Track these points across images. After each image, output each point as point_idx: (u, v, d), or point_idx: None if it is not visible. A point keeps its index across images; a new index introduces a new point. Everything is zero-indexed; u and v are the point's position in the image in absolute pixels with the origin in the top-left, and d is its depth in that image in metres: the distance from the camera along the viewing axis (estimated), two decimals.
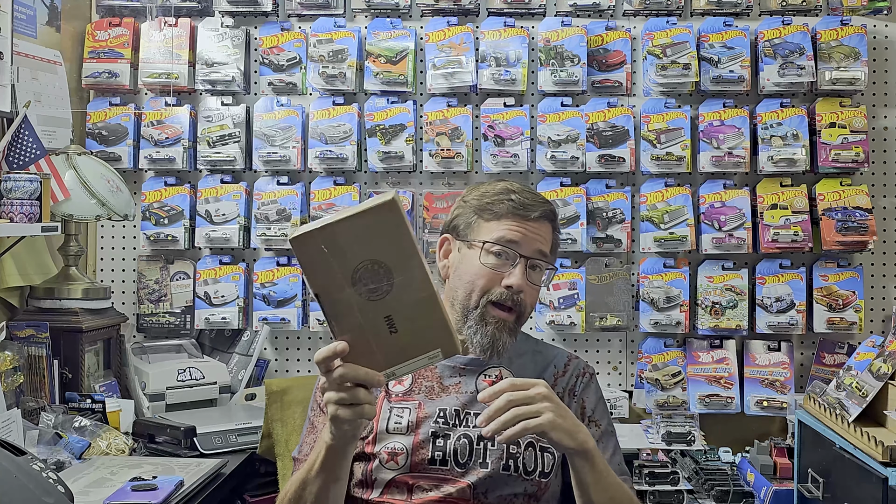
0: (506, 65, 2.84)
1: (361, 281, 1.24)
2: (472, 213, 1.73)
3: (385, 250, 1.24)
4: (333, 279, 1.24)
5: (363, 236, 1.23)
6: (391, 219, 1.23)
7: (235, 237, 2.87)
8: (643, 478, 2.41)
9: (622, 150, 2.82)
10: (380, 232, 1.23)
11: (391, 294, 1.24)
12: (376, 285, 1.24)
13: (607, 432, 1.73)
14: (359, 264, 1.23)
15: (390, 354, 1.28)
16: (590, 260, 2.86)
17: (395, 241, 1.24)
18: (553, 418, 1.42)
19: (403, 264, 1.24)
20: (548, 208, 1.71)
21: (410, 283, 1.25)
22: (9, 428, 1.97)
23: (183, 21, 2.93)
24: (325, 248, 1.22)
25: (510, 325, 1.67)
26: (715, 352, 2.84)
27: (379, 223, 1.23)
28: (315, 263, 1.23)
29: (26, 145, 2.29)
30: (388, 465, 1.63)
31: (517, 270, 1.66)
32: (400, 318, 1.26)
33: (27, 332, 2.37)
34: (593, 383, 1.78)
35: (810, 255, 2.87)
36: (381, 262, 1.23)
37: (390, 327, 1.26)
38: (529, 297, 1.69)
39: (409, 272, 1.25)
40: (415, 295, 1.25)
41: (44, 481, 1.49)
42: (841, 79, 2.78)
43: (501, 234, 1.67)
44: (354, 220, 1.22)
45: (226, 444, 2.31)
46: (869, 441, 1.88)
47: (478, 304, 1.67)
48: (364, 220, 1.23)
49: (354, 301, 1.24)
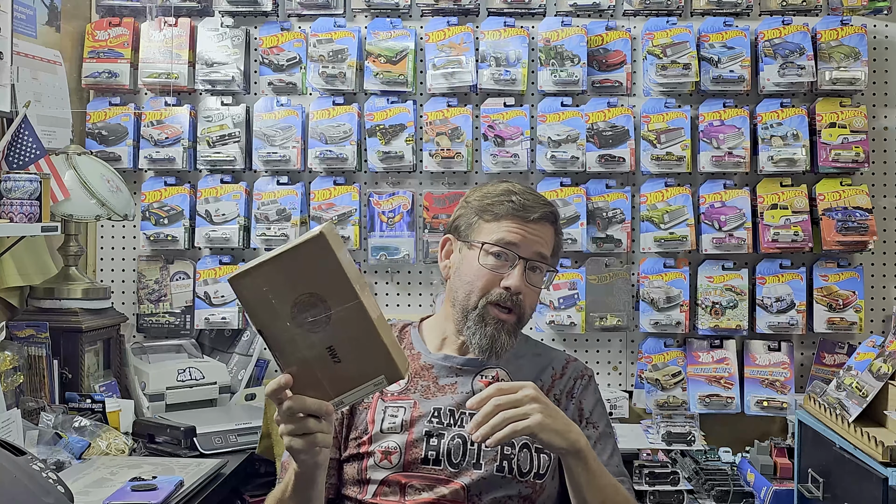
0: (506, 65, 2.84)
1: (300, 314, 1.27)
2: (474, 213, 1.73)
3: (319, 283, 1.26)
4: (274, 315, 1.27)
5: (297, 271, 1.26)
6: (321, 252, 1.26)
7: (235, 237, 2.87)
8: (643, 478, 2.41)
9: (622, 150, 2.82)
10: (312, 266, 1.26)
11: (330, 325, 1.27)
12: (315, 318, 1.27)
13: (605, 434, 1.73)
14: (296, 298, 1.26)
15: (336, 383, 1.30)
16: (590, 260, 2.86)
17: (327, 274, 1.26)
18: (542, 419, 1.42)
19: (339, 296, 1.27)
20: (548, 210, 1.71)
21: (348, 313, 1.27)
22: (9, 428, 1.97)
23: (183, 21, 2.93)
24: (262, 287, 1.26)
25: (509, 326, 1.68)
26: (715, 352, 2.83)
27: (310, 257, 1.26)
28: (255, 301, 1.27)
29: (26, 145, 2.29)
30: (381, 464, 1.63)
31: (516, 272, 1.66)
32: (342, 348, 1.29)
33: (27, 332, 2.36)
34: (592, 385, 1.78)
35: (810, 255, 2.87)
36: (316, 295, 1.26)
37: (333, 357, 1.29)
38: (529, 298, 1.69)
39: (345, 303, 1.27)
40: (353, 324, 1.28)
41: (44, 481, 1.49)
42: (841, 79, 2.78)
43: (501, 236, 1.67)
44: (286, 257, 1.26)
45: (226, 444, 2.31)
46: (869, 441, 1.88)
47: (476, 304, 1.67)
48: (295, 255, 1.26)
49: (296, 334, 1.27)
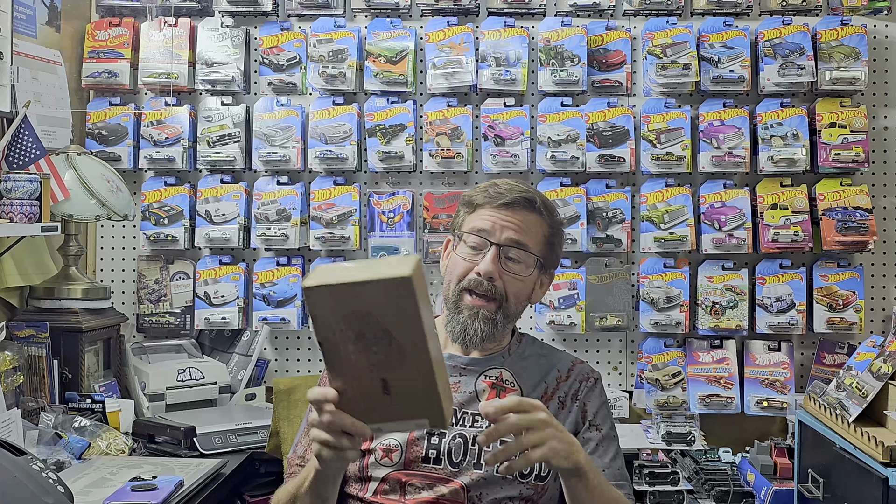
0: (506, 65, 2.84)
1: (365, 341, 1.24)
2: (461, 209, 1.75)
3: (392, 319, 1.24)
4: (338, 332, 1.25)
5: (373, 301, 1.23)
6: (403, 292, 1.22)
7: (235, 237, 2.87)
8: (643, 478, 2.41)
9: (622, 150, 2.82)
10: (390, 301, 1.23)
11: (390, 359, 1.25)
12: (378, 348, 1.24)
13: (608, 437, 1.72)
14: (365, 325, 1.24)
15: (379, 413, 1.29)
16: (590, 260, 2.86)
17: (402, 314, 1.24)
18: (555, 446, 1.39)
19: (408, 335, 1.24)
20: (522, 195, 1.68)
21: (411, 353, 1.25)
22: (9, 428, 1.97)
23: (183, 21, 2.93)
24: (336, 304, 1.23)
25: (485, 313, 1.65)
26: (715, 352, 2.83)
27: (391, 293, 1.23)
28: (323, 314, 1.24)
29: (26, 145, 2.29)
30: (382, 462, 1.63)
31: (487, 257, 1.65)
32: (394, 383, 1.26)
33: (27, 332, 2.37)
34: (597, 388, 1.77)
35: (810, 255, 2.87)
36: (386, 329, 1.24)
37: (384, 389, 1.27)
38: (511, 287, 1.67)
39: (412, 343, 1.25)
40: (413, 366, 1.26)
41: (44, 481, 1.49)
42: (841, 79, 2.78)
43: (474, 224, 1.68)
44: (369, 286, 1.23)
45: (226, 444, 2.32)
46: (869, 441, 1.89)
47: (453, 292, 1.68)
48: (378, 287, 1.23)
49: (354, 357, 1.25)
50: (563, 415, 1.71)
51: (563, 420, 1.71)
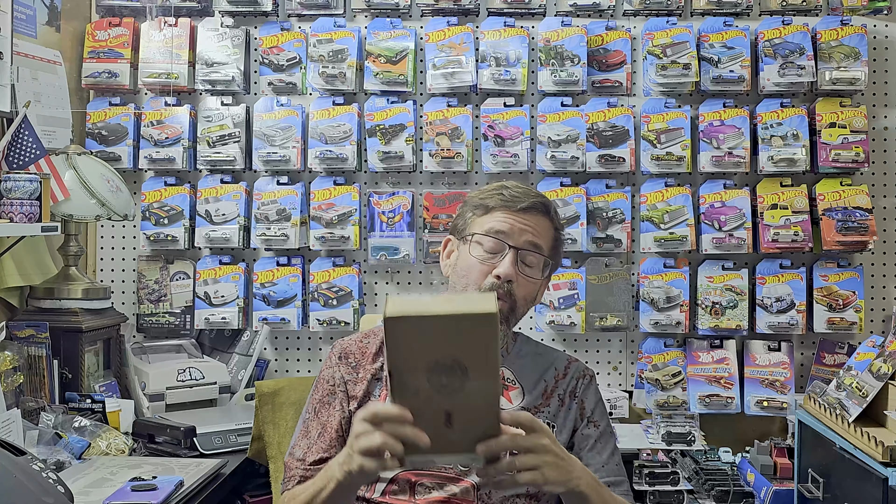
0: (506, 65, 2.84)
1: (437, 373, 1.26)
2: (469, 210, 1.75)
3: (470, 354, 1.25)
4: (412, 362, 1.26)
5: (454, 335, 1.25)
6: (487, 329, 1.25)
7: (235, 237, 2.87)
8: (643, 478, 2.41)
9: (622, 150, 2.82)
10: (471, 336, 1.25)
11: (460, 394, 1.26)
12: (449, 381, 1.26)
13: (606, 433, 1.73)
14: (440, 358, 1.25)
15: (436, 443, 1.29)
16: (590, 260, 2.86)
17: (482, 350, 1.26)
18: (547, 473, 1.38)
19: (482, 372, 1.26)
20: (538, 200, 1.71)
21: (482, 390, 1.27)
22: (9, 428, 1.97)
23: (183, 21, 2.93)
24: (415, 334, 1.25)
25: (501, 315, 1.66)
26: (715, 352, 2.83)
27: (474, 328, 1.25)
28: (400, 344, 1.26)
29: (26, 145, 2.29)
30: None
31: (506, 260, 1.66)
32: (459, 417, 1.28)
33: (27, 332, 2.36)
34: (593, 385, 1.79)
35: (810, 255, 2.87)
36: (461, 364, 1.25)
37: (447, 421, 1.28)
38: (524, 289, 1.68)
39: (485, 380, 1.27)
40: (481, 402, 1.28)
41: (44, 481, 1.49)
42: (841, 79, 2.78)
43: (491, 226, 1.68)
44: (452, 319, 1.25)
45: (226, 444, 2.31)
46: (869, 441, 1.88)
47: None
48: (462, 321, 1.25)
49: (423, 387, 1.27)
50: (562, 412, 1.72)
51: (563, 417, 1.72)
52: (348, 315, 2.84)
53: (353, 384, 1.72)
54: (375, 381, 1.71)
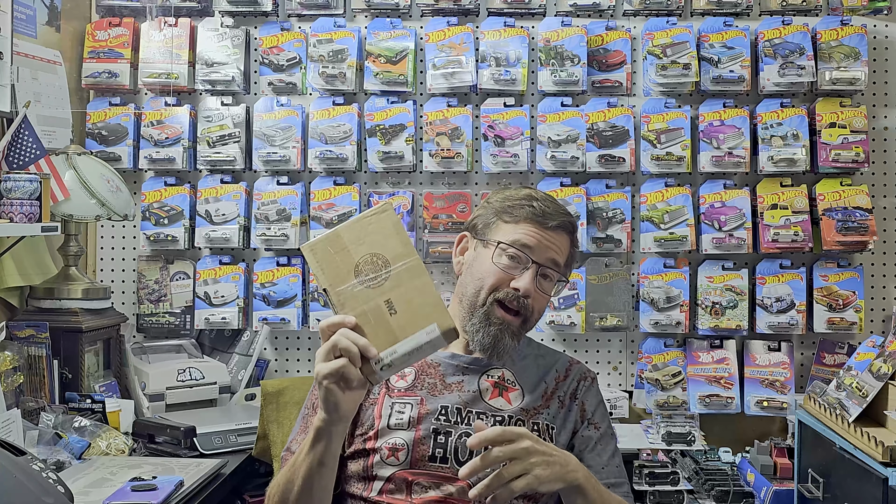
0: (506, 65, 2.84)
1: (363, 272, 1.45)
2: (493, 214, 1.75)
3: (383, 245, 1.46)
4: (338, 274, 1.45)
5: (363, 235, 1.46)
6: (386, 218, 1.47)
7: (235, 237, 2.87)
8: (643, 478, 2.41)
9: (622, 150, 2.82)
10: (378, 230, 1.46)
11: (389, 281, 1.44)
12: (376, 274, 1.44)
13: (606, 434, 1.74)
14: (360, 259, 1.45)
15: (391, 333, 1.42)
16: (590, 260, 2.86)
17: (391, 237, 1.46)
18: (539, 473, 1.41)
19: (400, 255, 1.45)
20: (567, 220, 1.73)
21: (406, 269, 1.45)
22: (9, 428, 1.97)
23: (183, 21, 2.93)
24: (331, 250, 1.46)
25: (514, 328, 1.69)
26: (715, 352, 2.83)
27: (377, 223, 1.47)
28: (323, 264, 1.46)
29: (26, 145, 2.29)
30: (388, 461, 1.63)
31: (527, 275, 1.67)
32: (398, 301, 1.43)
33: (27, 332, 2.36)
34: (594, 387, 1.80)
35: (810, 255, 2.87)
36: (379, 255, 1.45)
37: (390, 309, 1.43)
38: (537, 303, 1.71)
39: (405, 261, 1.45)
40: (411, 280, 1.44)
41: (44, 481, 1.49)
42: (841, 79, 2.78)
43: (517, 238, 1.69)
44: (356, 223, 1.48)
45: (226, 444, 2.31)
46: (869, 441, 1.89)
47: (485, 301, 1.68)
48: (363, 222, 1.47)
49: (357, 290, 1.44)
50: (562, 414, 1.73)
51: (563, 419, 1.72)
52: None
53: None
54: None
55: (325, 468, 1.53)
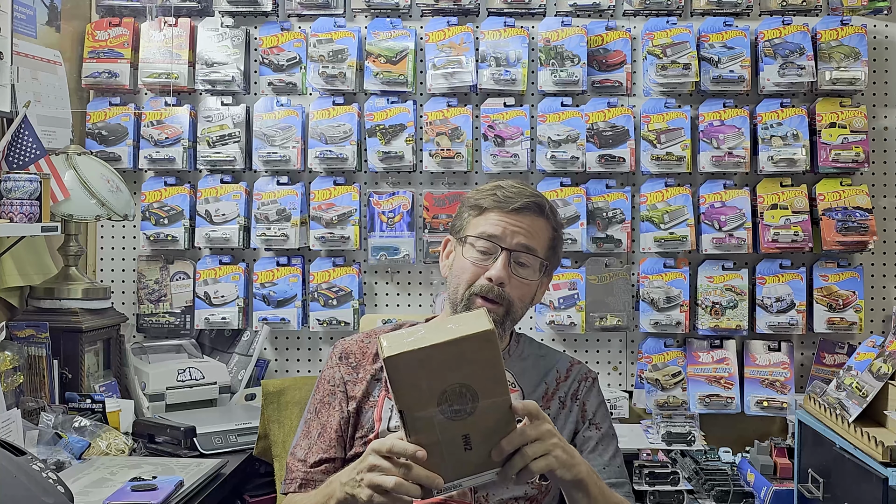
0: (506, 65, 2.84)
1: (447, 402, 1.28)
2: (465, 211, 1.74)
3: (475, 376, 1.27)
4: (420, 398, 1.28)
5: (457, 361, 1.27)
6: (487, 347, 1.27)
7: (235, 237, 2.87)
8: (643, 478, 2.41)
9: (622, 150, 2.82)
10: (473, 359, 1.27)
11: (473, 416, 1.28)
12: (461, 407, 1.28)
13: (608, 435, 1.73)
14: (448, 387, 1.27)
15: (459, 468, 1.31)
16: (590, 260, 2.85)
17: (486, 369, 1.28)
18: (559, 455, 1.40)
19: (490, 390, 1.28)
20: (531, 201, 1.69)
21: (494, 407, 1.29)
22: (9, 428, 1.97)
23: (183, 21, 2.93)
24: (418, 368, 1.26)
25: (494, 317, 1.66)
26: (715, 352, 2.83)
27: (474, 350, 1.27)
28: (405, 381, 1.27)
29: (26, 145, 2.29)
30: None
31: (498, 263, 1.65)
32: (476, 438, 1.30)
33: (27, 332, 2.36)
34: (595, 388, 1.79)
35: (810, 255, 2.87)
36: (469, 387, 1.27)
37: (466, 445, 1.30)
38: (516, 290, 1.67)
39: (495, 397, 1.29)
40: (496, 418, 1.30)
41: (44, 481, 1.49)
42: (841, 79, 2.78)
43: (483, 229, 1.68)
44: (451, 345, 1.27)
45: (226, 444, 2.31)
46: (869, 441, 1.88)
47: (463, 296, 1.67)
48: (461, 346, 1.27)
49: (437, 419, 1.28)
50: (563, 414, 1.72)
51: (563, 419, 1.72)
52: (348, 315, 2.84)
53: (352, 384, 1.72)
54: (375, 382, 1.71)
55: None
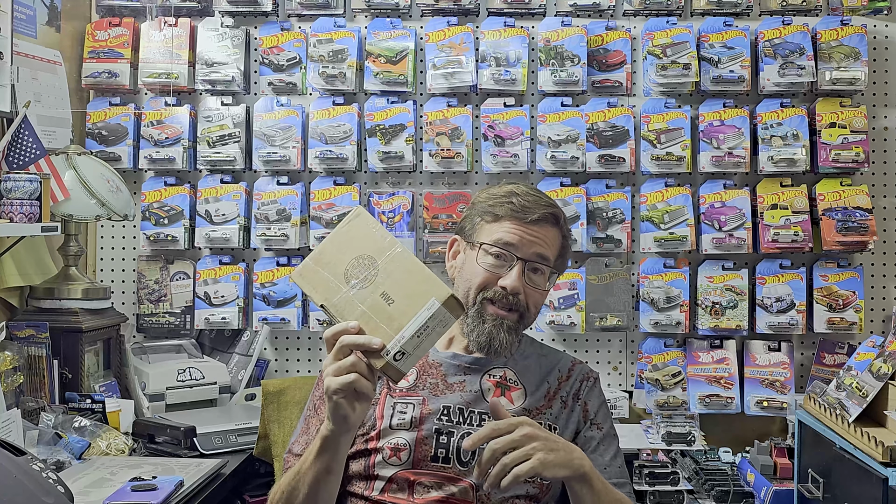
0: (506, 65, 2.84)
1: (353, 276, 1.46)
2: (477, 215, 1.74)
3: (365, 245, 1.47)
4: (329, 287, 1.47)
5: (344, 244, 1.49)
6: (360, 221, 1.50)
7: (235, 237, 2.87)
8: (643, 478, 2.41)
9: (622, 150, 2.82)
10: (357, 235, 1.48)
11: (379, 275, 1.45)
12: (365, 274, 1.45)
13: (609, 435, 1.74)
14: (347, 265, 1.47)
15: (394, 321, 1.41)
16: (590, 260, 2.86)
17: (371, 235, 1.48)
18: (543, 457, 1.42)
19: (383, 248, 1.46)
20: (548, 212, 1.71)
21: (392, 259, 1.45)
22: (9, 428, 1.97)
23: (183, 21, 2.93)
24: (317, 267, 1.49)
25: (509, 323, 1.68)
26: (715, 352, 2.83)
27: (355, 228, 1.49)
28: (314, 282, 1.48)
29: (26, 145, 2.29)
30: (390, 461, 1.63)
31: (513, 272, 1.67)
32: (393, 290, 1.43)
33: (27, 332, 2.36)
34: (597, 387, 1.80)
35: (810, 255, 2.87)
36: (364, 255, 1.46)
37: (387, 301, 1.43)
38: (531, 298, 1.70)
39: (389, 251, 1.45)
40: (400, 267, 1.44)
41: (44, 481, 1.49)
42: (841, 79, 2.78)
43: (499, 237, 1.68)
44: (334, 236, 1.51)
45: (226, 444, 2.31)
46: (869, 441, 1.88)
47: (475, 301, 1.68)
48: (341, 231, 1.50)
49: (352, 294, 1.45)
50: (565, 414, 1.73)
51: (565, 419, 1.72)
52: None
53: None
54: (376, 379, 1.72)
55: (331, 475, 1.53)
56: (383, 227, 1.50)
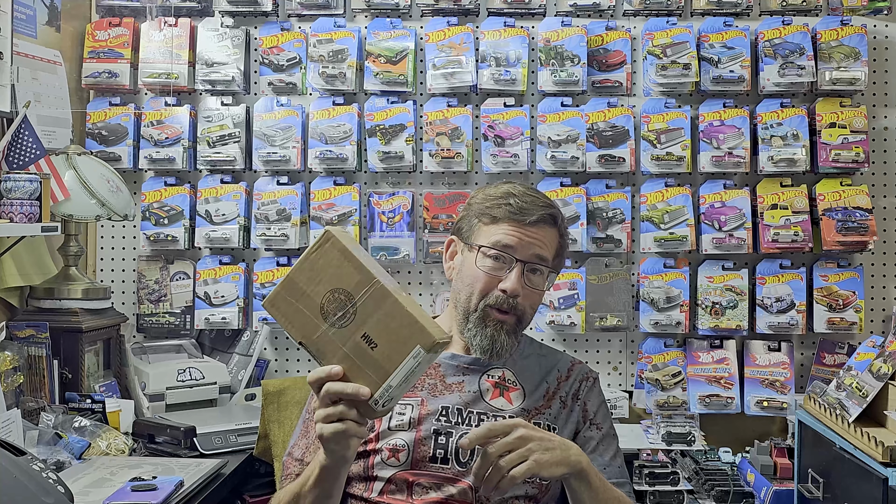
0: (506, 65, 2.84)
1: (330, 313, 1.37)
2: (474, 216, 1.74)
3: (339, 277, 1.37)
4: (307, 323, 1.37)
5: (315, 273, 1.37)
6: (331, 249, 1.37)
7: (235, 237, 2.87)
8: (643, 478, 2.41)
9: (622, 150, 2.82)
10: (328, 264, 1.37)
11: (358, 314, 1.36)
12: (343, 312, 1.36)
13: (609, 435, 1.74)
14: (322, 300, 1.37)
15: (379, 368, 1.35)
16: (590, 260, 2.86)
17: (343, 266, 1.37)
18: (539, 457, 1.42)
19: (359, 283, 1.36)
20: (546, 213, 1.70)
21: (371, 298, 1.35)
22: (9, 428, 1.97)
23: (183, 21, 2.93)
24: (291, 299, 1.38)
25: (509, 326, 1.68)
26: (715, 352, 2.83)
27: (325, 256, 1.37)
28: (289, 315, 1.39)
29: (26, 145, 2.29)
30: (389, 462, 1.63)
31: (513, 275, 1.66)
32: (374, 332, 1.35)
33: (27, 332, 2.36)
34: (596, 387, 1.80)
35: (810, 256, 2.87)
36: (339, 289, 1.36)
37: (369, 344, 1.35)
38: (529, 300, 1.70)
39: (367, 288, 1.36)
40: (379, 307, 1.35)
41: (44, 481, 1.49)
42: (841, 79, 2.78)
43: (497, 239, 1.68)
44: (304, 263, 1.39)
45: (226, 444, 2.31)
46: (869, 441, 1.89)
47: (476, 307, 1.68)
48: (311, 259, 1.38)
49: (332, 334, 1.36)
50: (564, 414, 1.73)
51: (564, 419, 1.72)
52: None
53: None
54: None
55: (332, 500, 1.54)
56: (357, 250, 1.39)
